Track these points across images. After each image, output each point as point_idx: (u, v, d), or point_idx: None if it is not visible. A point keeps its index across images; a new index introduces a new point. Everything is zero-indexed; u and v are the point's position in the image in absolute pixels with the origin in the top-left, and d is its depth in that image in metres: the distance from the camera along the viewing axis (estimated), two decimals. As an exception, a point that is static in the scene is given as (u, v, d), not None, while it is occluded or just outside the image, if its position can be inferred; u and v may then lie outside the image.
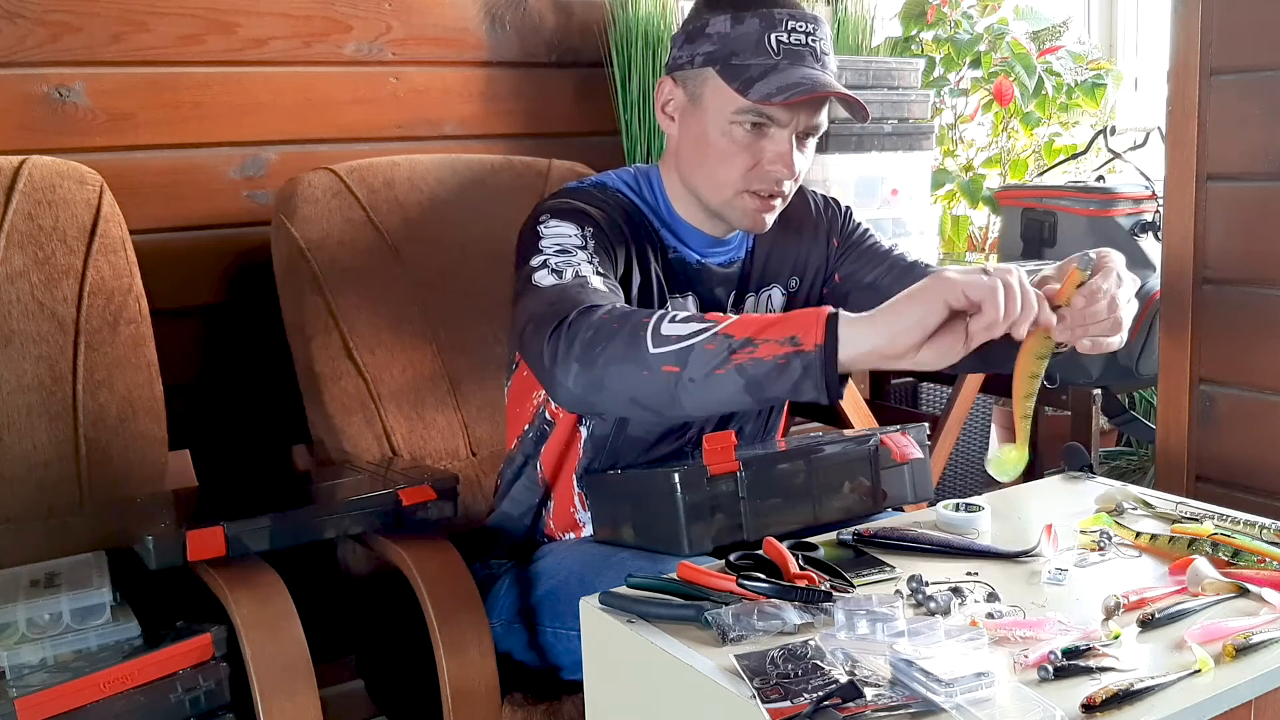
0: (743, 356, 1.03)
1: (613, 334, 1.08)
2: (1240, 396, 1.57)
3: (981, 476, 2.88)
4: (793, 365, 1.01)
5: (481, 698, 1.29)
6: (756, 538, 1.15)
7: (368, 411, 1.64)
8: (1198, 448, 1.62)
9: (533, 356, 1.16)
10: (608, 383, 1.09)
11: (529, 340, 1.16)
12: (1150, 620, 0.94)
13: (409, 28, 1.94)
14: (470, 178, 1.81)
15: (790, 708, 0.81)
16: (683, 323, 1.07)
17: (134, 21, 1.72)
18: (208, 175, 1.80)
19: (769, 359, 1.02)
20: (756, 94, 1.25)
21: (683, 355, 1.05)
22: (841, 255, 1.49)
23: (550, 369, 1.11)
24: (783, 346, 1.01)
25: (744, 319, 1.06)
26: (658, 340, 1.06)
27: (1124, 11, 3.24)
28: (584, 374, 1.09)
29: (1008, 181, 2.66)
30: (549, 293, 1.18)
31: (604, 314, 1.10)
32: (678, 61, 1.34)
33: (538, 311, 1.16)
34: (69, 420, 1.48)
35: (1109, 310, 1.08)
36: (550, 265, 1.21)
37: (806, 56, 1.27)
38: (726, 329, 1.05)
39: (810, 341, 1.01)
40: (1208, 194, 1.57)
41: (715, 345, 1.04)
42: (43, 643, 1.17)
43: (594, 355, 1.08)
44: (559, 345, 1.10)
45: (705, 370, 1.04)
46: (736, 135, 1.30)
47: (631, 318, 1.09)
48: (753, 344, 1.02)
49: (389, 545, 1.36)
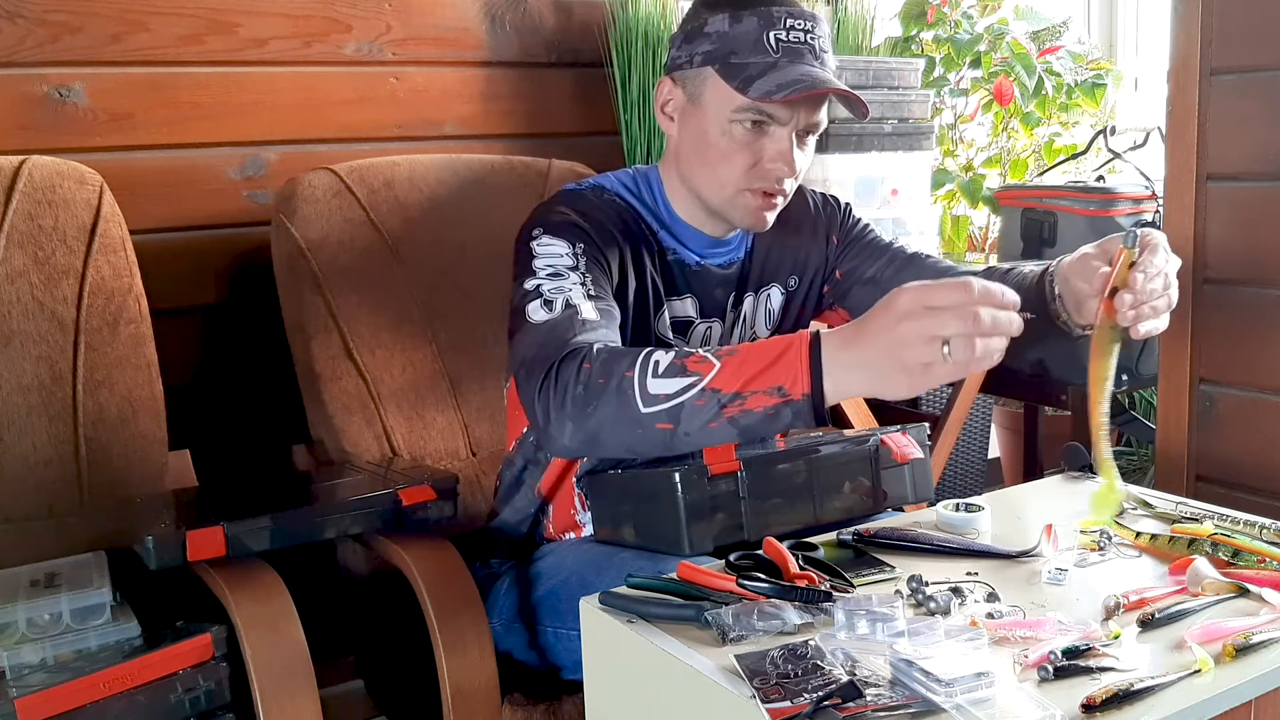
0: (733, 410, 1.04)
1: (601, 392, 1.09)
2: (1240, 396, 1.57)
3: (981, 476, 2.88)
4: (783, 414, 1.03)
5: (481, 698, 1.29)
6: (757, 538, 1.15)
7: (368, 411, 1.64)
8: (1198, 448, 1.62)
9: (526, 406, 1.17)
10: (604, 438, 1.11)
11: (521, 387, 1.18)
12: (1150, 620, 0.94)
13: (409, 28, 1.94)
14: (470, 178, 1.81)
15: (790, 708, 0.81)
16: (666, 376, 1.07)
17: (134, 21, 1.72)
18: (208, 175, 1.80)
19: (759, 410, 1.03)
20: (756, 92, 1.25)
21: (674, 413, 1.06)
22: (842, 252, 1.49)
23: (545, 427, 1.13)
24: (770, 397, 1.03)
25: (726, 366, 1.05)
26: (647, 400, 1.07)
27: (1124, 11, 3.24)
28: (579, 432, 1.11)
29: (1008, 181, 2.66)
30: (539, 332, 1.18)
31: (586, 364, 1.11)
32: (676, 61, 1.34)
33: (527, 355, 1.17)
34: (69, 420, 1.48)
35: (1164, 287, 1.09)
36: (544, 294, 1.21)
37: (805, 54, 1.27)
38: (713, 382, 1.05)
39: (798, 390, 1.02)
40: (1208, 194, 1.57)
41: (705, 401, 1.05)
42: (43, 643, 1.17)
43: (587, 415, 1.09)
44: (550, 402, 1.11)
45: (698, 425, 1.06)
46: (736, 134, 1.30)
47: (615, 370, 1.09)
48: (741, 397, 1.04)
49: (389, 545, 1.36)
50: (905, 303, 0.97)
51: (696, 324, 1.42)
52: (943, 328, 0.95)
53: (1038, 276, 1.31)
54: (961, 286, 0.96)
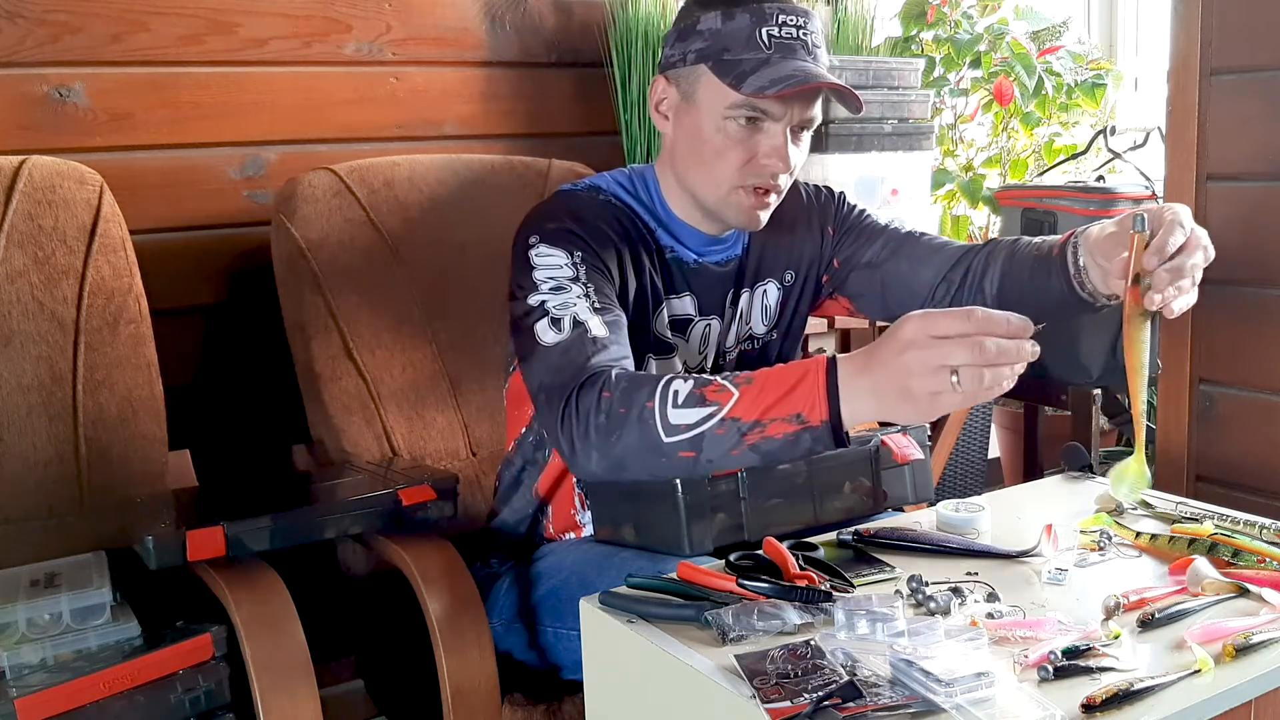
0: (754, 438, 1.05)
1: (623, 422, 1.10)
2: (1240, 396, 1.57)
3: (981, 476, 2.88)
4: (803, 439, 1.04)
5: (481, 698, 1.29)
6: (757, 538, 1.15)
7: (368, 411, 1.64)
8: (1198, 448, 1.62)
9: (550, 434, 1.19)
10: (629, 466, 1.12)
11: (543, 415, 1.20)
12: (1150, 620, 0.94)
13: (409, 28, 1.94)
14: (470, 178, 1.81)
15: (790, 708, 0.81)
16: (686, 406, 1.08)
17: (134, 21, 1.71)
18: (208, 175, 1.80)
19: (779, 437, 1.04)
20: (749, 88, 1.25)
21: (696, 442, 1.07)
22: (838, 242, 1.48)
23: (571, 455, 1.15)
24: (790, 425, 1.03)
25: (744, 395, 1.06)
26: (669, 430, 1.08)
27: (1124, 11, 3.24)
28: (604, 459, 1.12)
29: (1008, 181, 2.66)
30: (553, 355, 1.19)
31: (606, 392, 1.12)
32: (670, 60, 1.34)
33: (545, 381, 1.19)
34: (69, 420, 1.48)
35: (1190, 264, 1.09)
36: (550, 311, 1.22)
37: (798, 49, 1.28)
38: (732, 412, 1.05)
39: (815, 417, 1.02)
40: (1208, 194, 1.57)
41: (725, 430, 1.06)
42: (43, 643, 1.17)
43: (611, 444, 1.11)
44: (574, 431, 1.13)
45: (721, 452, 1.07)
46: (731, 130, 1.30)
47: (635, 400, 1.10)
48: (760, 425, 1.04)
49: (389, 545, 1.36)
50: (909, 331, 0.97)
51: (695, 322, 1.41)
52: (949, 357, 0.94)
53: (1058, 246, 1.29)
54: (964, 316, 0.95)
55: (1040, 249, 1.32)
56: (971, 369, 0.94)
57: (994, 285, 1.36)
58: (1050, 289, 1.29)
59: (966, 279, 1.39)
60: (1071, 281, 1.26)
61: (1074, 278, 1.25)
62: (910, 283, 1.43)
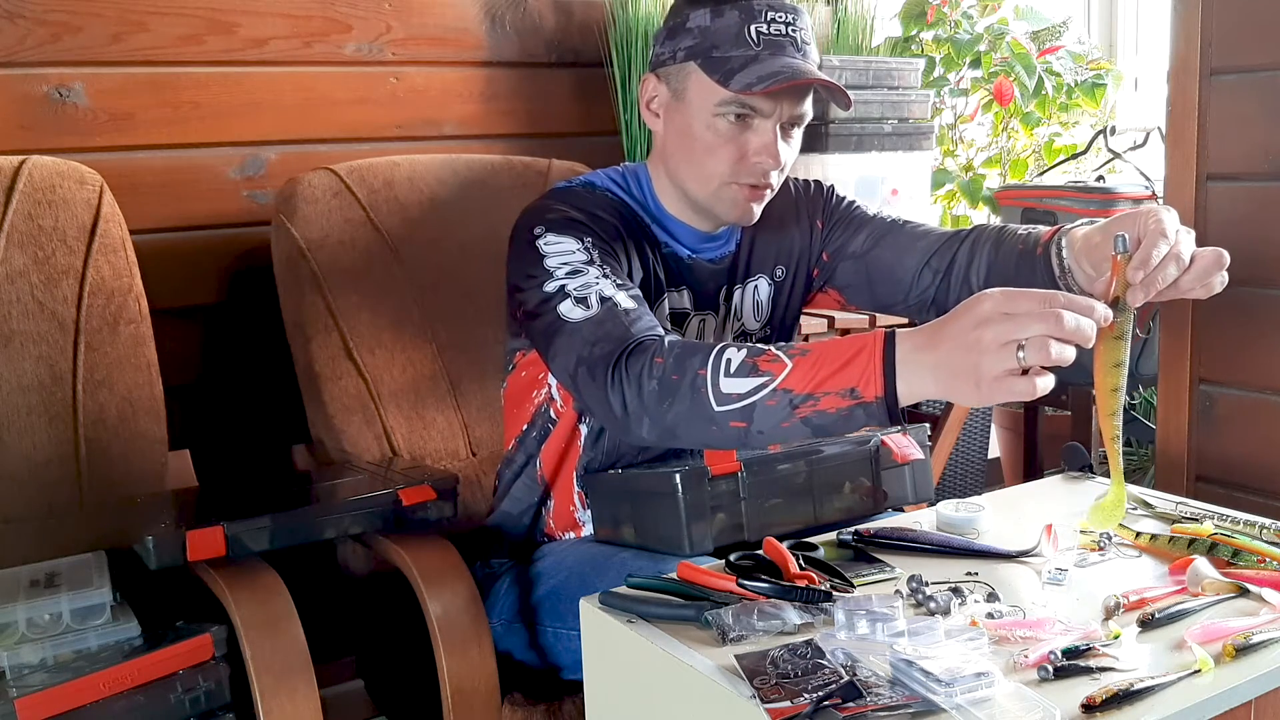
0: (806, 410, 1.03)
1: (676, 388, 1.09)
2: (1240, 396, 1.57)
3: (981, 476, 2.88)
4: (856, 415, 1.01)
5: (481, 698, 1.29)
6: (757, 538, 1.15)
7: (368, 411, 1.64)
8: (1198, 448, 1.62)
9: (595, 404, 1.17)
10: (680, 433, 1.12)
11: (586, 388, 1.17)
12: (1150, 620, 0.94)
13: (409, 28, 1.94)
14: (470, 178, 1.81)
15: (790, 708, 0.81)
16: (739, 375, 1.06)
17: (134, 21, 1.71)
18: (208, 175, 1.80)
19: (832, 411, 1.02)
20: (738, 84, 1.25)
21: (747, 412, 1.05)
22: (827, 235, 1.48)
23: (623, 419, 1.13)
24: (844, 399, 1.01)
25: (798, 366, 1.04)
26: (721, 399, 1.06)
27: (1124, 11, 3.24)
28: (655, 426, 1.11)
29: (1008, 181, 2.66)
30: (585, 330, 1.18)
31: (658, 358, 1.11)
32: (660, 58, 1.34)
33: (584, 354, 1.17)
34: (69, 420, 1.48)
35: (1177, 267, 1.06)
36: (571, 293, 1.21)
37: (787, 46, 1.28)
38: (784, 383, 1.03)
39: (870, 393, 1.00)
40: (1208, 194, 1.57)
41: (777, 401, 1.04)
42: (43, 643, 1.17)
43: (663, 410, 1.10)
44: (625, 395, 1.12)
45: (772, 424, 1.05)
46: (720, 128, 1.30)
47: (688, 367, 1.09)
48: (814, 398, 1.02)
49: (389, 545, 1.36)
50: (987, 308, 0.94)
51: (691, 316, 1.42)
52: (1022, 330, 0.92)
53: (1042, 245, 1.27)
54: (1046, 295, 0.94)
55: (1026, 242, 1.30)
56: (1040, 341, 0.91)
57: (980, 277, 1.35)
58: (1036, 285, 1.28)
59: (953, 269, 1.37)
60: (1057, 282, 1.25)
61: (1059, 279, 1.25)
62: (894, 270, 1.42)
